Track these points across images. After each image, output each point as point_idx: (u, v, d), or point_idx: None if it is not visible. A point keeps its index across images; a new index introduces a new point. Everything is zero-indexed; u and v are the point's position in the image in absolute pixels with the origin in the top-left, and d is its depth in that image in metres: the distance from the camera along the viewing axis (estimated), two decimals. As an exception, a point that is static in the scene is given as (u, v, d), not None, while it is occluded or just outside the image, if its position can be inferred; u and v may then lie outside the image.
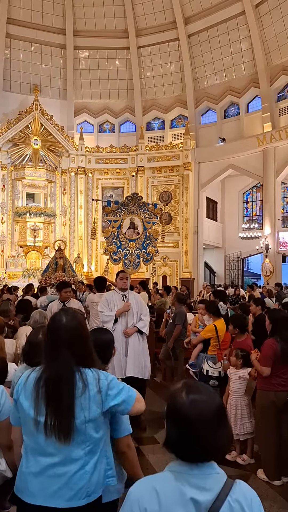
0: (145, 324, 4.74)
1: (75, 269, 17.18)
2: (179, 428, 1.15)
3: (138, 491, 1.17)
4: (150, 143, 19.21)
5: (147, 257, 4.89)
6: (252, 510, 1.15)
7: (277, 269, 16.47)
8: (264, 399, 3.60)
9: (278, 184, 16.69)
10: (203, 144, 18.65)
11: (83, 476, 1.66)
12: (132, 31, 18.97)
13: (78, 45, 19.41)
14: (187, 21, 18.26)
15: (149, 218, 4.92)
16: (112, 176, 19.30)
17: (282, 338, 3.54)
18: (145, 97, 19.77)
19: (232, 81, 18.11)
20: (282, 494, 3.35)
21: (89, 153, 19.04)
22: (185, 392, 1.19)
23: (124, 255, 4.83)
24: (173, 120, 19.79)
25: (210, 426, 1.14)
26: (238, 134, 17.71)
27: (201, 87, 18.92)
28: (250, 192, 20.69)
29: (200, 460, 1.15)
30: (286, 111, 16.62)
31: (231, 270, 20.17)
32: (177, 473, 1.15)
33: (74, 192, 18.98)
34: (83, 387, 1.67)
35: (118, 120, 20.35)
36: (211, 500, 1.11)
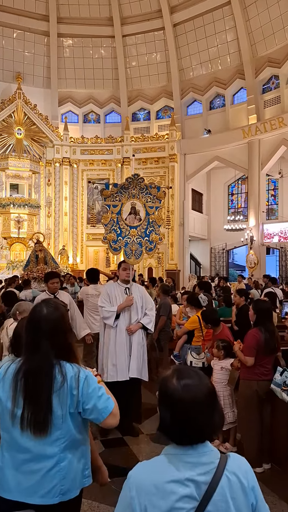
0: (150, 320, 4.34)
1: (60, 261, 17.08)
2: (174, 413, 1.18)
3: (137, 474, 1.20)
4: (136, 134, 19.07)
5: (150, 246, 4.43)
6: (248, 479, 1.20)
7: (262, 261, 16.67)
8: (247, 389, 3.65)
9: (262, 177, 16.81)
10: (188, 135, 18.60)
11: (57, 474, 1.64)
12: (117, 19, 18.67)
13: (61, 32, 19.01)
14: (173, 10, 18.05)
15: (151, 202, 4.45)
16: (97, 167, 19.12)
17: (265, 328, 3.59)
18: (131, 87, 19.56)
19: (218, 72, 18.06)
20: (262, 481, 3.41)
21: (74, 144, 18.79)
22: (176, 377, 1.21)
23: (125, 243, 4.36)
24: (158, 111, 19.66)
25: (204, 408, 1.17)
26: (224, 126, 17.71)
27: (187, 78, 18.81)
28: (235, 184, 20.80)
29: (196, 442, 1.18)
30: (271, 103, 16.68)
31: (216, 262, 20.33)
32: (172, 456, 1.19)
33: (59, 183, 18.75)
34: (61, 381, 1.65)
35: (103, 110, 20.10)
36: (209, 477, 1.15)
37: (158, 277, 13.39)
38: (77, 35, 19.18)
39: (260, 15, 16.20)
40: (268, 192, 19.00)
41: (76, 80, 19.72)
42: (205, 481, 1.14)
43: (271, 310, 3.87)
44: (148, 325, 4.32)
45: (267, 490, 3.28)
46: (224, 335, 4.34)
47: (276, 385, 3.28)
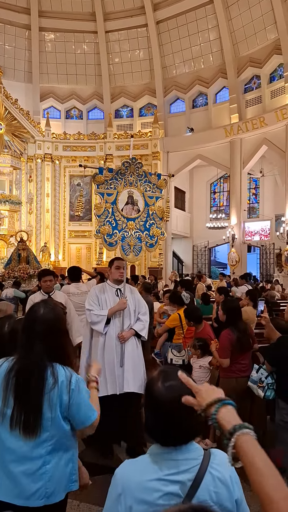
0: (144, 326, 3.76)
1: (42, 258, 16.89)
2: (158, 415, 1.19)
3: (123, 472, 1.22)
4: (119, 131, 18.98)
5: (151, 241, 3.91)
6: (231, 474, 1.23)
7: (243, 258, 16.89)
8: (226, 386, 3.70)
9: (244, 175, 17.01)
10: (171, 133, 18.65)
11: (42, 476, 1.63)
12: (100, 15, 18.51)
13: (43, 26, 18.72)
14: (156, 7, 18.02)
15: (151, 191, 3.94)
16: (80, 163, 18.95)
17: (236, 327, 3.65)
18: (114, 84, 19.45)
19: (201, 70, 18.14)
20: (240, 476, 3.47)
21: (56, 140, 18.57)
22: (161, 379, 1.22)
23: (121, 237, 3.81)
24: (142, 108, 19.62)
25: (188, 410, 1.17)
26: (206, 125, 17.83)
27: (170, 76, 18.83)
28: (218, 183, 20.98)
29: (180, 443, 1.20)
30: (253, 103, 16.87)
31: (199, 260, 20.49)
32: (156, 455, 1.20)
33: (40, 180, 18.51)
34: (53, 383, 1.64)
35: (86, 107, 19.93)
36: (192, 474, 1.16)
37: (141, 275, 13.40)
38: (59, 29, 18.92)
39: (242, 15, 16.34)
40: (249, 191, 19.24)
41: (58, 75, 19.47)
42: (189, 478, 1.16)
43: (240, 309, 3.93)
44: (142, 332, 3.72)
45: (244, 485, 3.34)
46: (205, 333, 4.38)
47: (252, 382, 3.34)
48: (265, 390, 3.15)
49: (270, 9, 15.42)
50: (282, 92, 15.66)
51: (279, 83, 15.91)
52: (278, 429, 3.11)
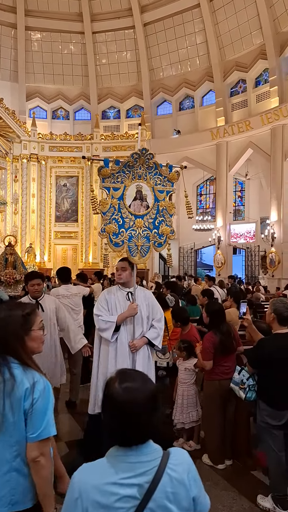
0: (158, 333, 3.42)
1: (27, 259, 16.73)
2: (115, 415, 1.20)
3: (80, 476, 1.22)
4: (106, 132, 18.95)
5: (160, 240, 3.52)
6: (189, 473, 1.24)
7: (228, 260, 17.04)
8: (211, 388, 3.73)
9: (230, 178, 17.18)
10: (158, 135, 18.70)
11: (7, 483, 1.58)
12: (87, 15, 18.47)
13: (29, 25, 18.57)
14: (143, 9, 18.08)
15: (162, 185, 3.55)
16: (66, 164, 18.85)
17: (219, 330, 3.67)
18: (101, 85, 19.41)
19: (187, 73, 18.27)
20: (224, 477, 3.51)
21: (42, 140, 18.42)
22: (118, 380, 1.23)
23: (128, 237, 3.41)
24: (129, 109, 19.64)
25: (144, 411, 1.19)
26: (193, 127, 17.95)
27: (157, 78, 18.90)
28: (204, 185, 21.13)
29: (137, 443, 1.21)
30: (239, 106, 17.07)
31: (185, 261, 20.58)
32: (114, 457, 1.21)
33: (26, 180, 18.32)
34: (11, 385, 1.60)
35: (73, 107, 19.84)
36: (150, 477, 1.17)
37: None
38: (45, 29, 18.80)
39: (228, 19, 16.52)
40: (235, 193, 19.44)
41: (45, 75, 19.34)
42: (147, 480, 1.17)
43: (224, 311, 3.96)
44: (155, 340, 3.39)
45: (228, 485, 3.37)
46: (191, 335, 4.40)
47: (234, 383, 3.36)
48: (246, 391, 3.18)
49: (256, 15, 15.64)
50: (267, 97, 15.89)
51: (264, 87, 16.14)
52: (260, 430, 3.14)
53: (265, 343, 3.06)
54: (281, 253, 14.99)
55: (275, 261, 15.06)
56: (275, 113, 14.84)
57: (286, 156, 14.91)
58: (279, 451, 2.99)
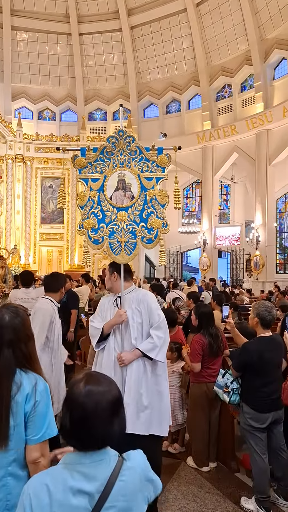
0: (154, 344, 2.83)
1: (12, 261, 16.52)
2: (73, 417, 1.18)
3: (31, 485, 1.18)
4: (92, 134, 18.90)
5: (149, 235, 3.03)
6: (143, 475, 1.22)
7: (214, 263, 17.18)
8: (197, 391, 3.75)
9: (216, 182, 17.36)
10: (144, 138, 18.73)
11: (3, 487, 1.58)
12: (74, 17, 18.43)
13: (15, 25, 18.42)
14: (130, 12, 18.14)
15: (150, 171, 3.08)
16: (52, 165, 18.71)
17: (208, 332, 3.70)
18: (87, 87, 19.38)
19: (174, 77, 18.39)
20: (209, 480, 3.53)
21: (28, 141, 18.25)
22: (83, 382, 1.21)
23: (109, 232, 3.01)
24: (115, 112, 19.65)
25: (103, 416, 1.17)
26: (179, 130, 18.07)
27: (144, 81, 18.97)
28: (190, 188, 21.27)
29: (92, 448, 1.18)
30: (224, 111, 17.27)
31: (171, 264, 20.65)
32: (68, 465, 1.18)
33: (11, 181, 18.12)
34: (16, 389, 1.60)
35: (59, 108, 19.74)
36: (100, 486, 1.14)
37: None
38: (32, 29, 18.68)
39: (214, 25, 16.72)
40: (220, 197, 19.63)
41: (31, 76, 19.19)
42: (98, 490, 1.14)
43: (212, 314, 3.99)
44: (150, 353, 2.82)
45: (212, 488, 3.39)
46: (178, 337, 4.41)
47: (218, 387, 3.38)
48: (230, 395, 3.20)
49: (242, 21, 15.87)
50: (252, 102, 16.12)
51: (249, 93, 16.38)
52: (243, 433, 3.18)
53: (249, 347, 3.10)
54: (265, 256, 15.20)
55: (260, 264, 15.26)
56: (260, 118, 15.07)
57: (270, 161, 15.15)
58: (262, 454, 3.03)
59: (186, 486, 3.39)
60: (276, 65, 15.62)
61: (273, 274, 15.76)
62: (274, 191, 15.89)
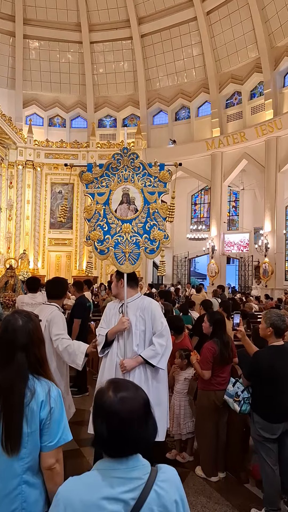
0: (156, 352, 2.94)
1: (20, 266, 16.64)
2: (110, 426, 1.18)
3: (65, 491, 1.19)
4: (102, 140, 19.05)
5: (152, 246, 3.20)
6: (176, 492, 1.22)
7: (222, 270, 17.10)
8: (205, 399, 3.71)
9: (224, 188, 17.33)
10: (154, 144, 18.85)
11: (18, 496, 1.56)
12: (85, 25, 18.67)
13: (28, 34, 18.72)
14: (141, 21, 18.33)
15: (152, 186, 3.27)
16: (62, 171, 18.85)
17: (220, 340, 3.67)
18: (97, 94, 19.56)
19: (184, 84, 18.49)
20: (217, 490, 3.48)
21: (38, 147, 18.45)
22: (112, 390, 1.21)
23: (114, 243, 3.19)
24: (125, 118, 19.79)
25: (140, 421, 1.19)
26: (188, 137, 18.12)
27: (153, 88, 19.10)
28: (199, 195, 21.28)
29: (130, 453, 1.19)
30: (234, 118, 17.29)
31: (179, 270, 20.61)
32: (103, 471, 1.18)
33: (21, 186, 18.29)
34: (30, 396, 1.59)
35: (69, 115, 19.94)
36: (137, 493, 1.15)
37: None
38: (44, 38, 18.96)
39: (224, 33, 16.81)
40: (229, 203, 19.59)
41: (42, 83, 19.45)
42: (133, 497, 1.15)
43: (224, 321, 3.96)
44: (152, 360, 2.93)
45: (221, 499, 3.34)
46: (185, 344, 4.39)
47: (228, 395, 3.35)
48: (241, 404, 3.16)
49: (252, 29, 15.94)
50: (262, 109, 16.12)
51: (259, 100, 16.38)
52: (254, 443, 3.14)
53: (261, 356, 3.06)
54: (274, 264, 15.09)
55: (268, 272, 15.14)
56: (269, 125, 15.05)
57: (280, 168, 15.10)
58: (273, 465, 2.98)
59: (195, 496, 3.35)
60: (286, 72, 15.62)
61: (282, 282, 15.63)
62: (284, 198, 15.82)
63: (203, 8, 16.82)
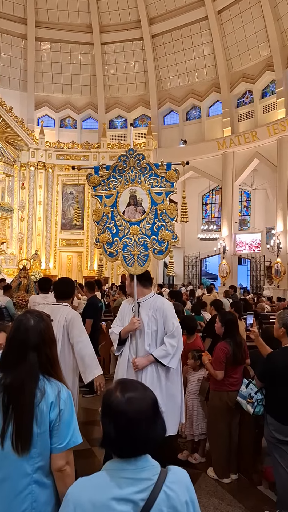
0: (167, 352, 3.00)
1: (32, 266, 16.80)
2: (118, 426, 1.18)
3: (75, 491, 1.20)
4: (113, 141, 19.11)
5: (160, 247, 3.16)
6: (187, 493, 1.21)
7: (233, 270, 16.98)
8: (217, 400, 3.68)
9: (236, 188, 17.21)
10: (165, 145, 18.82)
11: (28, 495, 1.55)
12: (96, 27, 18.76)
13: (39, 36, 18.90)
14: (151, 21, 18.34)
15: (159, 187, 3.22)
16: (73, 172, 18.91)
17: (233, 340, 3.64)
18: (108, 95, 19.63)
19: (194, 84, 18.43)
20: (230, 492, 3.45)
21: (50, 148, 18.61)
22: (119, 390, 1.21)
23: (123, 246, 3.19)
24: (136, 119, 19.81)
25: (148, 421, 1.19)
26: (199, 137, 18.05)
27: (164, 88, 19.09)
28: (210, 194, 21.17)
29: (138, 454, 1.19)
30: (245, 117, 17.16)
31: (190, 271, 20.53)
32: (112, 471, 1.18)
33: (33, 187, 18.48)
34: (40, 397, 1.59)
35: (80, 116, 20.06)
36: (146, 494, 1.15)
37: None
38: (55, 40, 19.11)
39: (235, 31, 16.71)
40: (241, 203, 19.44)
41: (54, 85, 19.60)
42: (143, 498, 1.14)
43: (237, 322, 3.92)
44: (163, 360, 2.99)
45: (233, 500, 3.31)
46: (197, 344, 4.37)
47: (242, 397, 3.31)
48: (254, 406, 3.13)
49: (263, 27, 15.80)
50: (274, 108, 15.96)
51: (271, 98, 16.23)
52: (267, 444, 3.10)
53: (275, 357, 3.03)
54: (287, 264, 14.92)
55: (281, 272, 14.98)
56: (281, 124, 14.90)
57: (292, 167, 14.93)
58: (286, 467, 2.94)
59: (207, 498, 3.32)
60: (298, 70, 15.45)
61: (295, 282, 15.44)
62: (296, 198, 15.63)
63: (214, 7, 16.74)
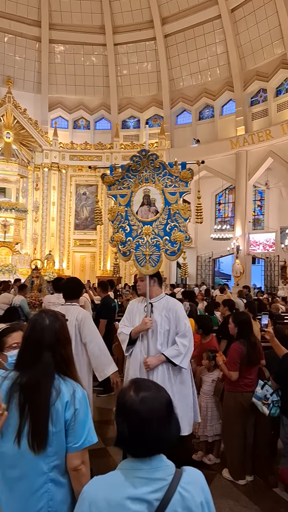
0: (179, 352, 3.02)
1: (46, 266, 16.97)
2: (131, 426, 1.18)
3: (90, 490, 1.20)
4: (125, 141, 19.16)
5: (173, 248, 3.12)
6: (202, 494, 1.21)
7: (247, 270, 16.83)
8: (232, 400, 3.66)
9: (249, 187, 17.05)
10: (177, 144, 18.78)
11: (45, 494, 1.56)
12: (109, 28, 18.83)
13: (53, 38, 19.07)
14: (164, 21, 18.31)
15: (173, 186, 3.17)
16: (86, 173, 19.11)
17: (247, 341, 3.61)
18: (121, 95, 19.69)
19: (207, 83, 18.34)
20: (245, 493, 3.42)
21: (63, 149, 18.78)
22: (133, 390, 1.22)
23: (135, 246, 3.18)
24: (148, 119, 19.82)
25: (162, 421, 1.19)
26: (212, 136, 17.95)
27: (177, 88, 19.04)
28: (223, 194, 21.02)
29: (152, 453, 1.19)
30: (259, 116, 16.99)
31: (203, 271, 20.43)
32: (127, 471, 1.19)
33: (47, 188, 18.67)
34: (55, 396, 1.59)
35: (93, 117, 20.17)
36: (161, 494, 1.15)
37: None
38: (68, 41, 19.26)
39: (249, 29, 16.56)
40: (254, 203, 19.26)
41: (67, 86, 19.76)
42: (157, 498, 1.14)
43: (251, 322, 3.88)
44: (175, 359, 3.01)
45: (249, 502, 3.29)
46: (212, 345, 4.35)
47: (257, 398, 3.29)
48: (270, 407, 3.10)
49: (278, 25, 15.62)
50: (288, 106, 15.78)
51: (285, 96, 16.04)
52: (283, 446, 3.07)
53: (290, 358, 3.00)
54: (302, 264, 14.72)
55: (296, 272, 14.79)
56: (296, 122, 14.71)
57: (307, 166, 14.73)
58: (303, 469, 2.91)
59: (222, 499, 3.31)
60: (313, 67, 15.23)
61: (310, 282, 15.24)
62: (311, 197, 15.43)
63: (227, 5, 16.63)
